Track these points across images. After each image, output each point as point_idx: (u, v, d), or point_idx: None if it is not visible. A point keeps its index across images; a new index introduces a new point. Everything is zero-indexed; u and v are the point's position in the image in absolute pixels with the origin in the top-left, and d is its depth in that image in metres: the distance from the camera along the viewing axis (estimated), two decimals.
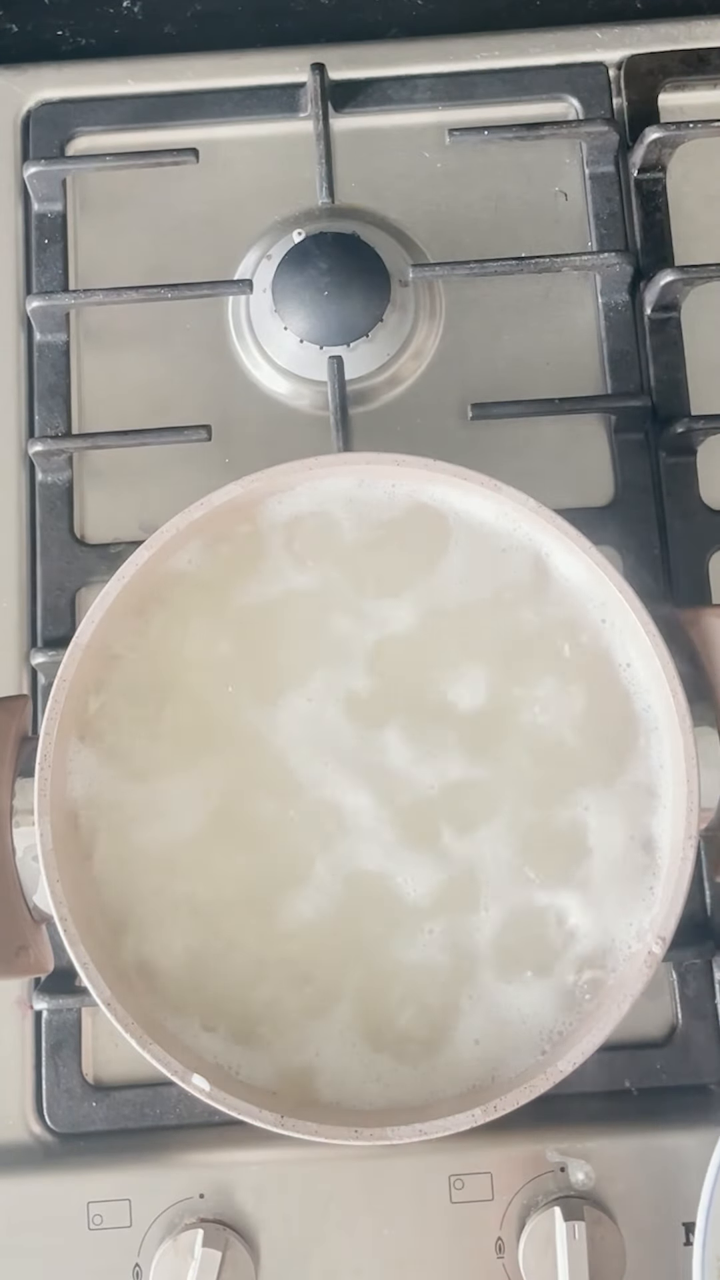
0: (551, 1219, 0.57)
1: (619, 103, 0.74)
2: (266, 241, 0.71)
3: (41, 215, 0.72)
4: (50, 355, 0.71)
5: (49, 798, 0.53)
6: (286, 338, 0.69)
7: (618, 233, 0.72)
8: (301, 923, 0.54)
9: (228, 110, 0.73)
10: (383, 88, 0.73)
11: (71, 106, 0.74)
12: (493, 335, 0.71)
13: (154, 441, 0.68)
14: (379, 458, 0.57)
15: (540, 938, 0.54)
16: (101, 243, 0.72)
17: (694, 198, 0.73)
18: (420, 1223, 0.59)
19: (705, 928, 0.64)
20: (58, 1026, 0.63)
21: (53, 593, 0.68)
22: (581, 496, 0.68)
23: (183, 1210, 0.59)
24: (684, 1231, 0.59)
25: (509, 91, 0.73)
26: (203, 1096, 0.50)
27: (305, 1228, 0.60)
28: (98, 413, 0.70)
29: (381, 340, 0.69)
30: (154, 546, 0.55)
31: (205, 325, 0.71)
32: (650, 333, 0.71)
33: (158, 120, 0.73)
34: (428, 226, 0.72)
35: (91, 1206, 0.60)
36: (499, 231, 0.72)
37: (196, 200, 0.73)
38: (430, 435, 0.69)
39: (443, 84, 0.73)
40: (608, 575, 0.55)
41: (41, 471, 0.69)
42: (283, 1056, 0.53)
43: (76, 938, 0.51)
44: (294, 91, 0.73)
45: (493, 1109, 0.50)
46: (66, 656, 0.54)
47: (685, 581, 0.67)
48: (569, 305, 0.71)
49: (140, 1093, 0.62)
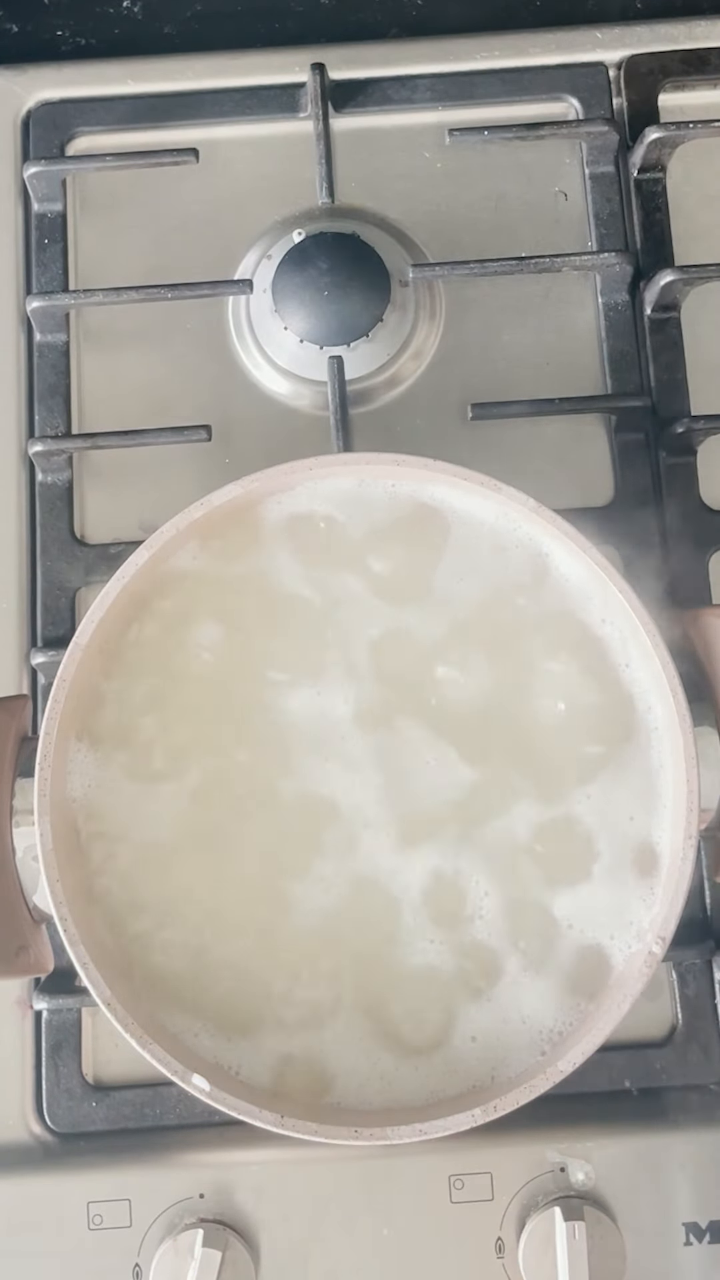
0: (551, 1219, 0.57)
1: (619, 103, 0.74)
2: (266, 241, 0.71)
3: (41, 215, 0.72)
4: (50, 355, 0.71)
5: (49, 798, 0.53)
6: (286, 338, 0.69)
7: (618, 233, 0.72)
8: (302, 922, 0.54)
9: (228, 110, 0.73)
10: (383, 88, 0.74)
11: (71, 106, 0.74)
12: (493, 335, 0.71)
13: (154, 441, 0.68)
14: (379, 458, 0.57)
15: (540, 937, 0.54)
16: (101, 243, 0.72)
17: (694, 198, 0.73)
18: (420, 1223, 0.60)
19: (705, 928, 0.64)
20: (58, 1026, 0.63)
21: (53, 593, 0.68)
22: (581, 496, 0.68)
23: (183, 1210, 0.59)
24: (684, 1231, 0.59)
25: (509, 91, 0.73)
26: (203, 1096, 0.50)
27: (305, 1228, 0.60)
28: (98, 413, 0.70)
29: (381, 340, 0.69)
30: (154, 546, 0.55)
31: (205, 325, 0.71)
32: (650, 333, 0.71)
33: (158, 120, 0.74)
34: (428, 226, 0.72)
35: (91, 1206, 0.60)
36: (499, 231, 0.72)
37: (196, 200, 0.73)
38: (430, 435, 0.69)
39: (443, 84, 0.73)
40: (608, 575, 0.55)
41: (41, 471, 0.69)
42: (283, 1056, 0.53)
43: (76, 938, 0.51)
44: (294, 91, 0.73)
45: (493, 1109, 0.50)
46: (66, 656, 0.54)
47: (685, 582, 0.67)
48: (569, 305, 0.71)
49: (140, 1093, 0.62)
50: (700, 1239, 0.59)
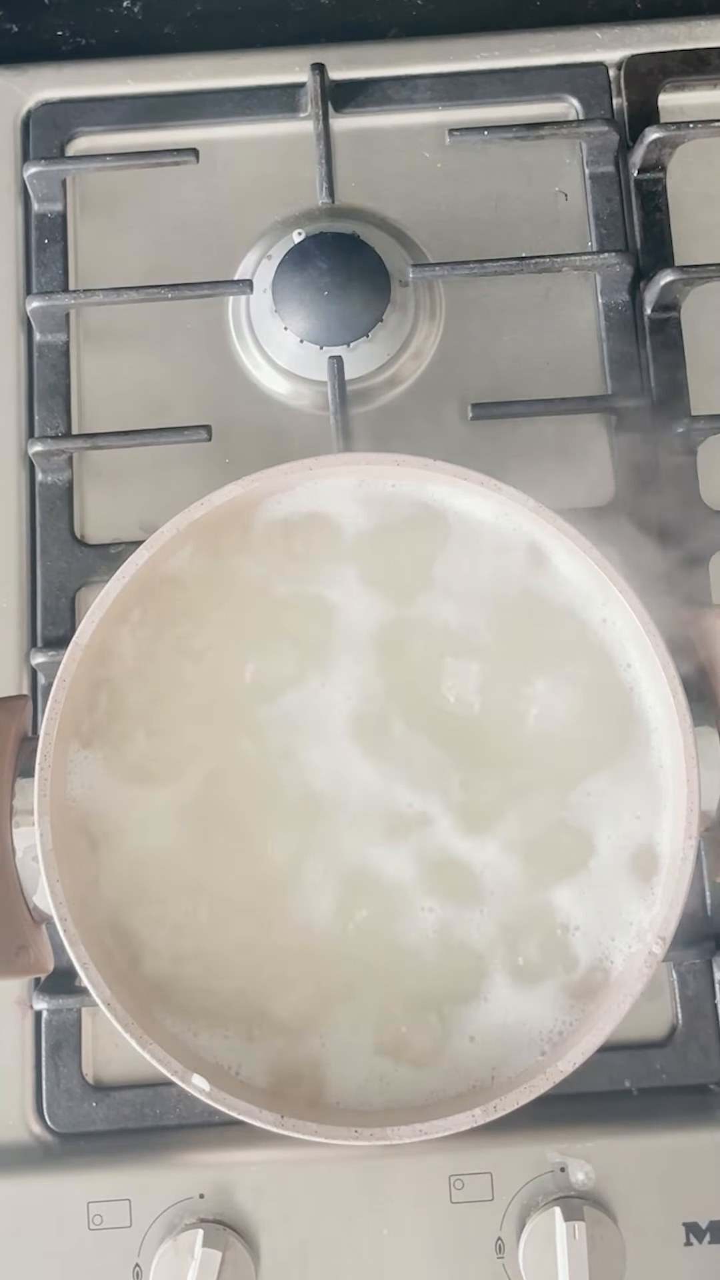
0: (552, 1219, 0.57)
1: (619, 103, 0.74)
2: (266, 241, 0.71)
3: (41, 215, 0.72)
4: (50, 355, 0.71)
5: (49, 798, 0.52)
6: (286, 338, 0.69)
7: (618, 233, 0.72)
8: (302, 922, 0.54)
9: (228, 110, 0.73)
10: (383, 88, 0.73)
11: (71, 106, 0.74)
12: (493, 335, 0.71)
13: (154, 442, 0.68)
14: (379, 458, 0.57)
15: (540, 937, 0.54)
16: (101, 243, 0.72)
17: (694, 198, 0.73)
18: (420, 1223, 0.59)
19: (705, 929, 0.64)
20: (58, 1026, 0.63)
21: (53, 593, 0.68)
22: (582, 496, 0.68)
23: (183, 1210, 0.59)
24: (684, 1232, 0.59)
25: (509, 91, 0.73)
26: (202, 1096, 0.50)
27: (305, 1228, 0.59)
28: (98, 413, 0.70)
29: (381, 340, 0.69)
30: (154, 547, 0.55)
31: (205, 325, 0.71)
32: (650, 333, 0.70)
33: (158, 120, 0.73)
34: (428, 226, 0.72)
35: (91, 1206, 0.60)
36: (499, 231, 0.72)
37: (196, 200, 0.72)
38: (430, 435, 0.69)
39: (443, 84, 0.73)
40: (608, 575, 0.54)
41: (41, 471, 0.69)
42: (283, 1056, 0.53)
43: (76, 938, 0.51)
44: (294, 91, 0.73)
45: (493, 1109, 0.50)
46: (66, 657, 0.54)
47: (686, 582, 0.67)
48: (569, 305, 0.71)
49: (140, 1093, 0.62)
50: (701, 1239, 0.59)
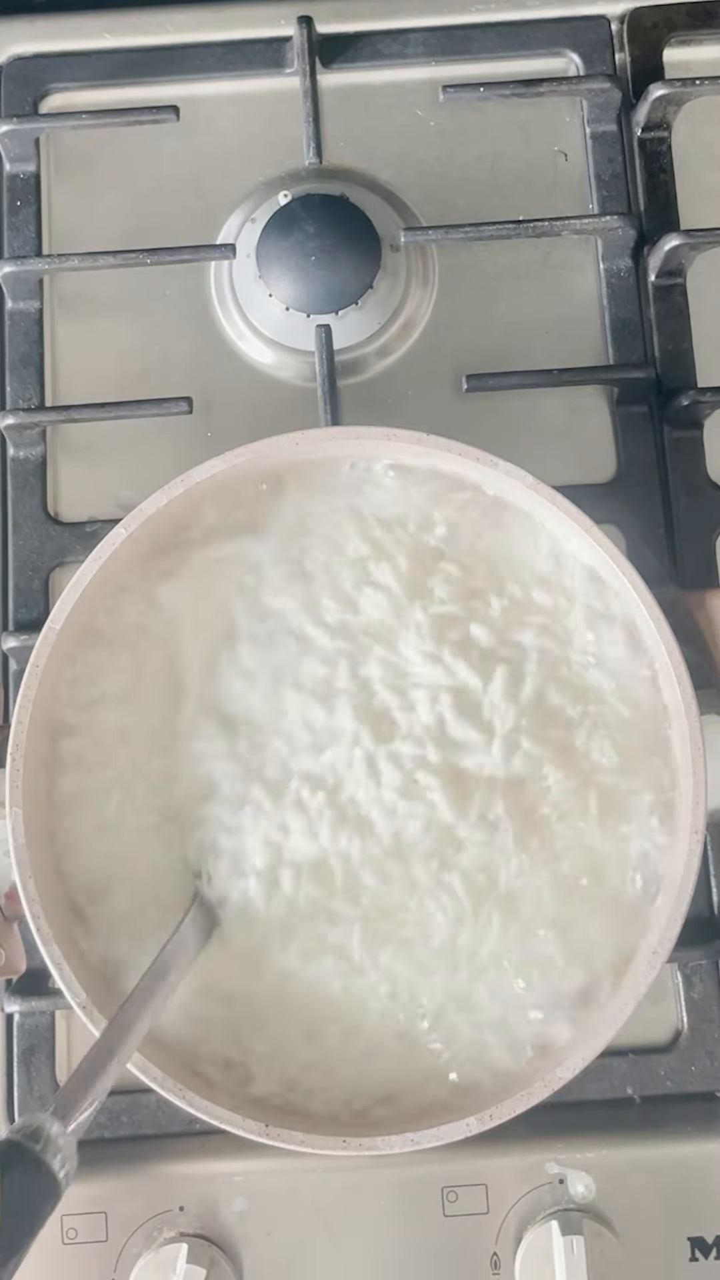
0: (549, 1233, 0.57)
1: (621, 58, 0.73)
2: (251, 204, 0.70)
3: (14, 176, 0.72)
4: (23, 323, 0.70)
5: (20, 789, 0.52)
6: (271, 305, 0.68)
7: (620, 195, 0.71)
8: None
9: (210, 66, 0.73)
10: (373, 42, 0.73)
11: (45, 61, 0.73)
12: (489, 303, 0.70)
13: (132, 414, 0.67)
14: (369, 432, 0.57)
15: (539, 937, 0.53)
16: (77, 205, 0.72)
17: (700, 158, 0.72)
18: (412, 1237, 0.59)
19: (711, 927, 0.63)
20: (30, 1030, 0.63)
21: (25, 574, 0.67)
22: (582, 473, 0.67)
23: (161, 1223, 0.59)
24: (689, 1246, 0.59)
25: (506, 46, 0.73)
26: (182, 1104, 0.50)
27: (291, 1243, 0.59)
28: (73, 384, 0.69)
29: (371, 308, 0.68)
30: (132, 525, 0.55)
31: (186, 292, 0.70)
32: (654, 300, 0.70)
33: (136, 76, 0.73)
34: (420, 188, 0.71)
35: (65, 1220, 0.59)
36: (495, 193, 0.71)
37: (177, 161, 0.72)
38: (423, 408, 0.69)
39: (436, 38, 0.73)
40: (609, 556, 0.54)
41: (13, 446, 0.68)
42: (266, 1060, 0.53)
43: (50, 937, 0.50)
44: (280, 46, 0.73)
45: (488, 1117, 0.49)
46: (40, 641, 0.53)
47: (690, 562, 0.67)
48: (569, 271, 0.71)
49: (116, 1100, 0.62)
50: (706, 1254, 0.59)
